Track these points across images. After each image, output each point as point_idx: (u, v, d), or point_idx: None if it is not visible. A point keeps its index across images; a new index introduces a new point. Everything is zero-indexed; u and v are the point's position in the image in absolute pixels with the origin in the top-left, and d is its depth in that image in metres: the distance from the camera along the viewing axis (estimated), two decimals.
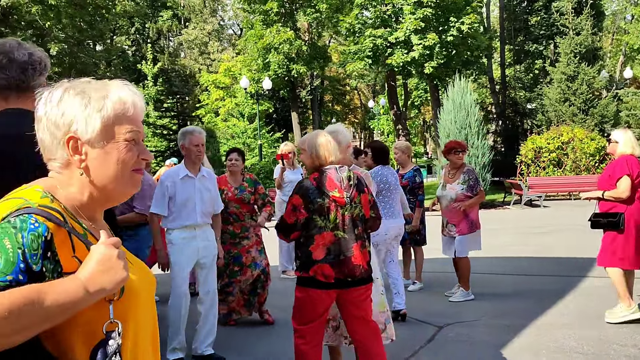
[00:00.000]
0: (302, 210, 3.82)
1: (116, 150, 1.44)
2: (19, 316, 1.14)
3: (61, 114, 1.42)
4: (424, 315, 6.50)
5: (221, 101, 45.42)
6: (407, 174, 7.89)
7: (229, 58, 47.76)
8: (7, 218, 1.28)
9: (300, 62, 37.25)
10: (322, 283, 3.81)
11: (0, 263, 1.20)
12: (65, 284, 1.23)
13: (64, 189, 1.44)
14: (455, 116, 20.04)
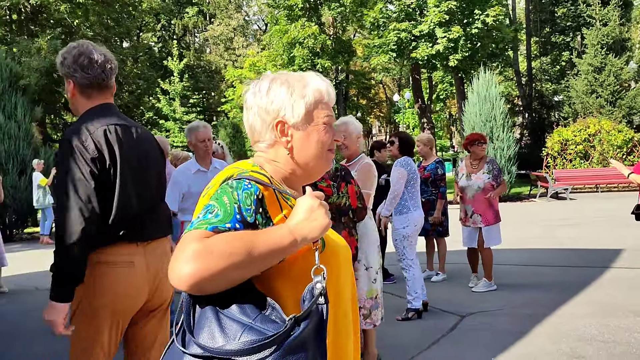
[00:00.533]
0: None
1: (316, 132, 1.64)
2: (236, 254, 1.29)
3: (270, 102, 1.62)
4: (447, 305, 6.59)
5: None
6: (429, 166, 7.98)
7: (254, 53, 47.94)
8: (225, 182, 1.50)
9: (324, 57, 37.31)
10: None
11: (220, 214, 1.39)
12: (275, 230, 1.40)
13: (271, 164, 1.65)
14: (480, 109, 19.95)
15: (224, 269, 1.27)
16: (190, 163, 5.39)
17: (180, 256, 1.28)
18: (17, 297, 8.44)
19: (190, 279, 1.25)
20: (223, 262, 1.27)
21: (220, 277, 1.28)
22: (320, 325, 1.38)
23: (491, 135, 19.73)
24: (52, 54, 17.36)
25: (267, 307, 1.37)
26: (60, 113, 22.08)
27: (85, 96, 2.81)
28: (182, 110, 27.71)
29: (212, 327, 1.32)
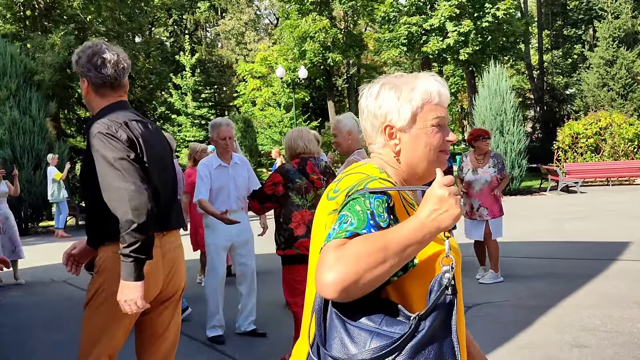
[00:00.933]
0: (280, 187, 4.43)
1: (424, 135, 1.65)
2: (373, 254, 1.31)
3: (379, 106, 1.68)
4: None
5: (258, 91, 45.81)
6: None
7: (265, 48, 48.02)
8: (353, 189, 1.51)
9: (336, 51, 37.36)
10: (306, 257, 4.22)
11: (354, 222, 1.41)
12: (407, 224, 1.38)
13: (388, 167, 1.69)
14: (490, 102, 19.98)
15: (364, 270, 1.29)
16: (212, 157, 5.55)
17: (324, 265, 1.32)
18: (33, 288, 8.64)
19: (335, 286, 1.28)
20: (362, 264, 1.29)
21: (362, 279, 1.29)
22: (449, 317, 1.37)
23: (501, 129, 19.78)
24: (66, 50, 17.57)
25: (391, 309, 1.40)
26: (73, 108, 22.30)
27: (99, 95, 2.91)
28: (194, 104, 27.88)
29: (342, 337, 1.35)
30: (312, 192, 4.52)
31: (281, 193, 4.46)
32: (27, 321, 6.78)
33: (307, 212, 4.47)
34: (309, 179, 4.51)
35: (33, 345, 5.84)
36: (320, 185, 4.57)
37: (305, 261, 4.24)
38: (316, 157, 4.67)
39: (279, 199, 4.47)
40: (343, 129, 4.84)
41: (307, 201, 4.50)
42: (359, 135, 4.91)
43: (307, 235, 4.38)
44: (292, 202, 4.45)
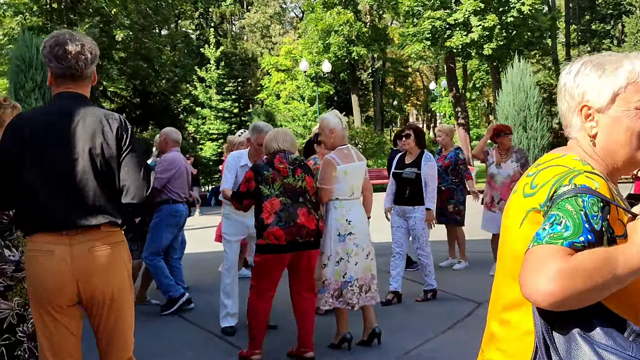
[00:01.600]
0: (252, 182, 4.56)
1: (626, 118, 1.50)
2: (600, 275, 1.24)
3: (577, 85, 1.56)
4: (465, 292, 6.71)
5: (282, 84, 45.86)
6: (449, 154, 8.17)
7: (290, 41, 48.04)
8: (557, 185, 1.42)
9: (360, 44, 37.27)
10: (276, 247, 4.48)
11: (570, 227, 1.31)
12: (628, 248, 1.30)
13: (589, 158, 1.55)
14: (514, 98, 19.78)
15: (588, 289, 1.24)
16: (241, 155, 5.64)
17: (541, 272, 1.25)
18: None
19: (552, 297, 1.23)
20: (588, 283, 1.23)
21: (582, 297, 1.24)
22: None
23: (525, 125, 19.59)
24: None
25: (627, 328, 1.32)
26: (98, 100, 22.56)
27: (56, 84, 2.87)
28: (217, 97, 28.01)
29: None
30: (278, 181, 4.58)
31: (254, 188, 4.58)
32: None
33: (276, 200, 4.54)
34: (275, 168, 4.60)
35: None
36: (286, 174, 4.63)
37: (275, 251, 4.45)
38: (286, 152, 4.73)
39: (253, 194, 4.59)
40: (326, 127, 5.05)
41: (275, 189, 4.56)
42: (343, 132, 5.07)
43: (277, 223, 4.48)
44: (263, 193, 4.55)
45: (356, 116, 42.14)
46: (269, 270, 4.61)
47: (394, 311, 6.18)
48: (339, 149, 5.03)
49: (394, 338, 5.23)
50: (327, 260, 4.91)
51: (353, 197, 5.02)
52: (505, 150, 7.57)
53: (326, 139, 5.09)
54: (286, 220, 4.52)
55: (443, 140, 8.33)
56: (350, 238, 4.91)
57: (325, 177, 4.87)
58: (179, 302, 6.35)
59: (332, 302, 4.89)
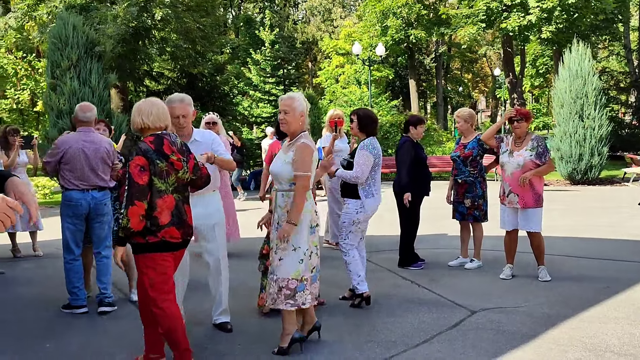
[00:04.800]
0: (147, 172, 3.85)
1: None
2: None
3: None
4: (462, 297, 5.97)
5: (341, 68, 45.28)
6: (469, 144, 7.38)
7: (351, 24, 47.40)
8: None
9: (419, 28, 36.23)
10: (172, 244, 3.97)
11: None
12: None
13: None
14: (570, 85, 18.55)
15: None
16: None
17: None
18: (47, 262, 8.50)
19: None
20: None
21: None
22: None
23: (581, 113, 18.37)
24: (129, 22, 17.56)
25: None
26: (142, 80, 22.45)
27: None
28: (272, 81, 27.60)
29: None
30: (173, 175, 4.00)
31: (148, 180, 3.90)
32: (33, 296, 6.59)
33: (170, 197, 3.97)
34: (169, 160, 3.96)
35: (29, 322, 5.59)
36: (181, 167, 4.04)
37: (170, 249, 3.80)
38: (172, 134, 4.13)
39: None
40: (297, 109, 4.55)
41: (170, 185, 3.97)
42: (306, 118, 4.64)
43: (172, 222, 3.94)
44: (157, 188, 3.91)
45: (413, 101, 41.23)
46: (170, 270, 4.06)
47: (364, 316, 5.52)
48: (306, 134, 4.62)
49: (358, 349, 4.61)
50: (303, 255, 4.49)
51: (313, 188, 4.73)
52: (521, 138, 6.76)
53: (294, 121, 4.56)
54: (178, 218, 4.01)
55: (462, 126, 7.53)
56: (317, 229, 4.64)
57: (304, 164, 4.44)
58: (73, 311, 5.81)
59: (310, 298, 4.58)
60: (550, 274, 6.67)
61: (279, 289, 4.44)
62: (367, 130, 5.91)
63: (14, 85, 26.89)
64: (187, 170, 4.10)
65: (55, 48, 16.07)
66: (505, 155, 6.78)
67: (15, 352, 4.80)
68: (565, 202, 14.15)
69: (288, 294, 4.44)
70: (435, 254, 8.11)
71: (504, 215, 6.82)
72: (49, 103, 16.01)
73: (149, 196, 3.86)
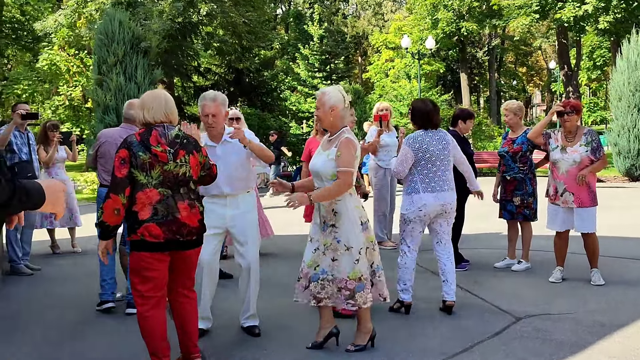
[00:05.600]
0: (127, 165, 3.66)
1: None
2: None
3: None
4: (507, 302, 5.60)
5: (391, 62, 44.78)
6: (518, 139, 6.98)
7: (401, 18, 46.86)
8: None
9: (471, 20, 35.44)
10: (154, 244, 3.71)
11: None
12: None
13: None
14: (629, 77, 17.76)
15: None
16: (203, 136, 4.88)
17: None
18: (85, 259, 8.45)
19: None
20: None
21: None
22: None
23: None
24: (174, 17, 17.56)
25: None
26: (190, 77, 22.49)
27: None
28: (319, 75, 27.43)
29: None
30: (157, 168, 3.74)
31: (127, 173, 3.71)
32: (68, 293, 6.50)
33: (153, 192, 3.72)
34: (152, 152, 3.74)
35: (58, 322, 5.49)
36: (166, 159, 3.77)
37: (152, 249, 3.44)
38: (166, 126, 3.88)
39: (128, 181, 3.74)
40: (326, 103, 4.34)
41: (153, 178, 3.73)
42: (344, 112, 4.36)
43: (153, 219, 3.69)
44: (137, 181, 3.70)
45: (464, 95, 40.45)
46: (153, 273, 3.80)
47: (402, 320, 5.21)
48: (347, 129, 4.43)
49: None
50: (357, 254, 4.30)
51: (355, 184, 4.50)
52: (572, 132, 6.33)
53: (324, 117, 4.36)
54: (163, 214, 3.74)
55: (511, 120, 7.10)
56: (367, 226, 4.46)
57: (348, 160, 4.24)
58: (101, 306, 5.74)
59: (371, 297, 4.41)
60: (604, 277, 6.24)
61: (337, 289, 4.30)
62: (417, 122, 5.52)
63: (66, 82, 27.36)
64: (180, 164, 3.82)
65: (102, 44, 16.17)
66: (557, 151, 6.35)
67: (39, 352, 4.68)
68: (623, 199, 13.52)
69: (347, 295, 4.29)
70: (480, 254, 7.74)
71: (556, 215, 6.40)
72: (96, 99, 16.14)
73: (128, 190, 3.68)
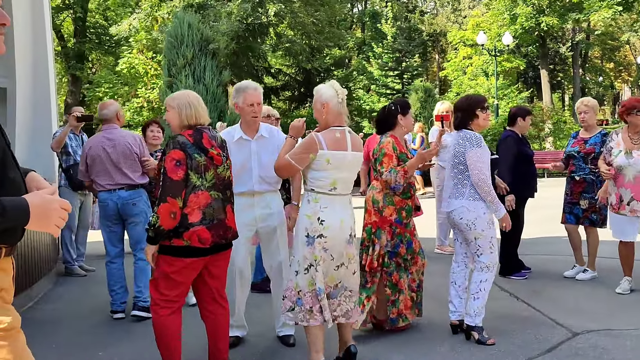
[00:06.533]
0: (183, 166, 3.52)
1: None
2: None
3: None
4: (565, 315, 5.19)
5: (468, 59, 43.76)
6: (591, 139, 6.52)
7: (479, 14, 45.73)
8: None
9: (552, 14, 34.12)
10: (198, 250, 3.59)
11: None
12: None
13: None
14: None
15: None
16: (233, 129, 4.72)
17: None
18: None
19: None
20: None
21: None
22: None
23: None
24: (243, 18, 17.62)
25: None
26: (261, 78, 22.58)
27: None
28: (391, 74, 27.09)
29: None
30: (211, 170, 3.66)
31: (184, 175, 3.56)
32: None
33: (205, 194, 3.60)
34: (209, 154, 3.65)
35: (93, 326, 5.50)
36: (221, 162, 3.73)
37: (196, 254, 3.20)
38: (211, 129, 3.81)
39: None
40: (318, 100, 4.02)
41: (207, 181, 3.62)
42: (339, 107, 3.98)
43: (202, 222, 3.56)
44: (192, 183, 3.56)
45: (545, 92, 39.02)
46: (185, 279, 3.68)
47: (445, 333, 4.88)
48: (331, 129, 3.99)
49: None
50: (297, 265, 3.98)
51: (334, 193, 3.95)
52: (638, 133, 5.84)
53: (317, 115, 4.06)
54: (210, 218, 3.62)
55: (588, 118, 6.56)
56: (319, 242, 3.88)
57: (296, 152, 3.95)
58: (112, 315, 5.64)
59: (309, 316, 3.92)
60: None
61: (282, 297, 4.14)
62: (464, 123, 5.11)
63: (144, 84, 28.05)
64: (227, 167, 3.81)
65: (172, 46, 16.43)
66: (621, 156, 5.86)
67: (76, 357, 4.64)
68: None
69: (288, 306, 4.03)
70: (543, 261, 7.30)
71: (620, 225, 5.92)
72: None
73: (183, 193, 3.55)
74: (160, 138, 6.32)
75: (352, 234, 4.03)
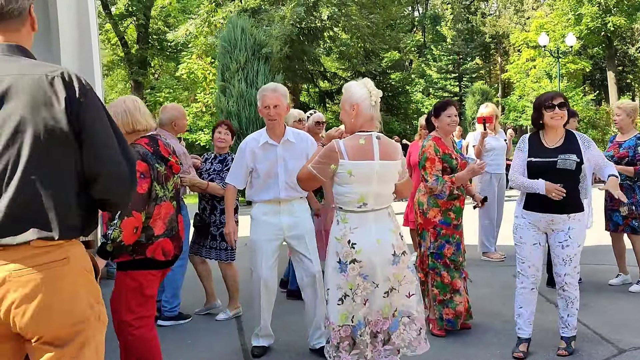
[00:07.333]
0: (148, 178, 3.30)
1: None
2: None
3: None
4: (612, 330, 4.88)
5: (532, 61, 42.71)
6: (626, 143, 6.20)
7: (543, 15, 44.62)
8: None
9: (619, 14, 32.98)
10: (160, 262, 3.40)
11: None
12: None
13: None
14: None
15: None
16: (259, 133, 4.61)
17: None
18: None
19: None
20: None
21: None
22: None
23: None
24: (296, 23, 17.61)
25: None
26: (316, 82, 22.54)
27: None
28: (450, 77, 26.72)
29: None
30: (171, 180, 3.47)
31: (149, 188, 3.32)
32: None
33: (168, 205, 3.39)
34: (168, 164, 3.46)
35: None
36: (178, 170, 3.57)
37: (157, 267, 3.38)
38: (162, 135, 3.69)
39: None
40: (347, 100, 3.48)
41: (169, 191, 3.42)
42: (371, 111, 3.43)
43: (166, 233, 3.36)
44: (156, 194, 3.34)
45: (612, 95, 37.64)
46: (153, 291, 3.47)
47: (481, 347, 4.64)
48: (356, 135, 3.43)
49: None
50: (327, 294, 3.47)
51: (365, 209, 3.40)
52: None
53: (345, 117, 3.52)
54: (172, 227, 3.44)
55: (622, 120, 6.26)
56: (353, 267, 3.36)
57: (317, 161, 3.45)
58: None
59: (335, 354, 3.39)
60: None
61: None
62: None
63: (203, 89, 28.47)
64: (179, 175, 3.64)
65: (225, 51, 16.56)
66: None
67: None
68: None
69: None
70: (594, 270, 6.93)
71: None
72: (219, 105, 16.51)
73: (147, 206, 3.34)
74: (227, 141, 5.80)
75: (398, 252, 3.44)
